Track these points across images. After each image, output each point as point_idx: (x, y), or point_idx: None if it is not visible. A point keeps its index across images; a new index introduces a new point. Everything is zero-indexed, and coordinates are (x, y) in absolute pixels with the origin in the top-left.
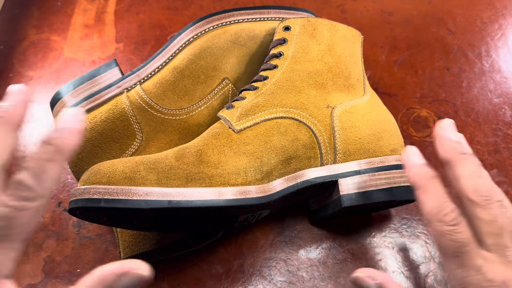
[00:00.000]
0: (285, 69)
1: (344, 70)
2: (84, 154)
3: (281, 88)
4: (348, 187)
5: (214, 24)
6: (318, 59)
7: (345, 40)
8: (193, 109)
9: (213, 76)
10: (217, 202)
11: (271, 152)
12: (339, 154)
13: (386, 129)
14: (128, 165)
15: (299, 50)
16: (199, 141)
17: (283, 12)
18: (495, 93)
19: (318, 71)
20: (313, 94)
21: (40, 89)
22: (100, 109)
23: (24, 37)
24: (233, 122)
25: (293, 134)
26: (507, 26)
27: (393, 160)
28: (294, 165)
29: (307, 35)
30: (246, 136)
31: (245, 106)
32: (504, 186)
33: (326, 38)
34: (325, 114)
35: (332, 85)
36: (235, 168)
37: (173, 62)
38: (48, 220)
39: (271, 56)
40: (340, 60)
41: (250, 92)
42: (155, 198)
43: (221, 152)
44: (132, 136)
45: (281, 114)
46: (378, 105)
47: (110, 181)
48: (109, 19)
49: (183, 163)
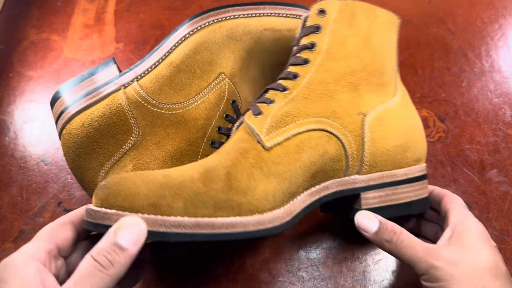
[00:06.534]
0: (318, 66)
1: (380, 66)
2: (82, 150)
3: (313, 93)
4: (369, 201)
5: (210, 19)
6: (355, 54)
7: (383, 29)
8: (189, 103)
9: (209, 71)
10: (248, 235)
11: (299, 170)
12: (365, 166)
13: (413, 138)
14: (151, 188)
15: (335, 42)
16: (226, 158)
17: (278, 7)
18: (495, 93)
19: (353, 70)
20: (345, 99)
21: (40, 89)
22: (97, 105)
23: (24, 37)
24: (262, 136)
25: (323, 148)
26: (507, 26)
27: (416, 171)
28: (319, 178)
29: (345, 23)
30: (277, 155)
31: (275, 115)
32: (504, 186)
33: (363, 27)
34: (356, 123)
35: (365, 86)
36: (264, 193)
37: (170, 57)
38: (48, 220)
39: (301, 48)
40: (376, 55)
41: (278, 94)
42: (185, 231)
43: (250, 176)
44: (128, 131)
45: (313, 125)
46: (407, 106)
47: (132, 206)
48: (109, 19)
49: (212, 189)
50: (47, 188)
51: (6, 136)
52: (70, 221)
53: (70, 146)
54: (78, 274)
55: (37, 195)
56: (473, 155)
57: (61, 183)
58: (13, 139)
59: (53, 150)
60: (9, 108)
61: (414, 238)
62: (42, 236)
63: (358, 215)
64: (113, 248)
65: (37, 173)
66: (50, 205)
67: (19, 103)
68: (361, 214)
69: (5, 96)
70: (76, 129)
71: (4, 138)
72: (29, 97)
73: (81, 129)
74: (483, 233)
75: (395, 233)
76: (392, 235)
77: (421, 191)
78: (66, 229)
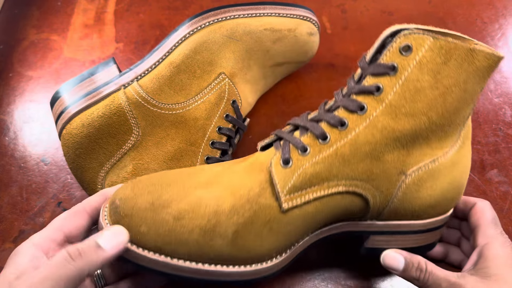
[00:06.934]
0: (373, 121)
1: (448, 121)
2: (82, 150)
3: (356, 154)
4: (375, 242)
5: (210, 19)
6: (423, 112)
7: (473, 78)
8: (189, 103)
9: (209, 71)
10: (244, 282)
11: (311, 227)
12: (384, 216)
13: (449, 198)
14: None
15: (406, 94)
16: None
17: (279, 7)
18: (495, 93)
19: (413, 131)
20: (390, 160)
21: (40, 89)
22: (97, 105)
23: (24, 37)
24: (282, 195)
25: (344, 207)
26: (507, 26)
27: (437, 222)
28: (330, 223)
29: (430, 71)
30: (292, 217)
31: (304, 173)
32: (504, 186)
33: (452, 78)
34: (393, 183)
35: (420, 142)
36: (268, 250)
37: (170, 57)
38: (48, 220)
39: (361, 90)
40: (450, 110)
41: (317, 142)
42: (185, 275)
43: (259, 234)
44: (128, 131)
45: (341, 188)
46: (461, 160)
47: (139, 243)
48: (109, 19)
49: (216, 244)
50: (47, 188)
51: (6, 136)
52: (84, 209)
53: (70, 146)
54: (48, 263)
55: (37, 195)
56: (473, 155)
57: (61, 183)
58: (13, 139)
59: (53, 150)
60: (9, 108)
61: (439, 274)
62: (51, 225)
63: (384, 256)
64: (89, 245)
65: (37, 173)
66: (50, 205)
67: (19, 103)
68: (386, 255)
69: (5, 96)
70: (76, 129)
71: (4, 138)
72: (29, 97)
73: (81, 129)
74: (510, 255)
75: (421, 271)
76: (419, 274)
77: (432, 238)
78: (78, 218)
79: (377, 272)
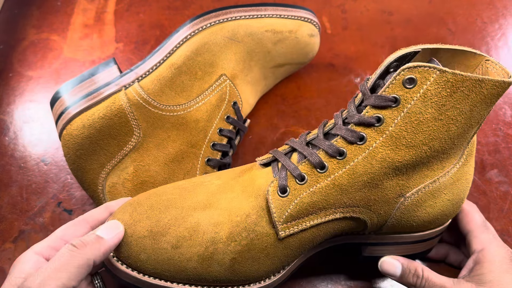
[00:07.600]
0: (372, 152)
1: (449, 146)
2: (83, 151)
3: (354, 185)
4: (373, 252)
5: (211, 21)
6: (425, 142)
7: (479, 105)
8: (190, 105)
9: (210, 72)
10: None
11: (308, 247)
12: (381, 231)
13: (448, 213)
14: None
15: (408, 127)
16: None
17: (280, 9)
18: None
19: (416, 160)
20: (389, 186)
21: (40, 89)
22: (98, 106)
23: (24, 37)
24: (279, 224)
25: (342, 229)
26: (507, 26)
27: (434, 233)
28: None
29: (434, 104)
30: (289, 244)
31: (300, 202)
32: (504, 186)
33: (457, 107)
34: (391, 205)
35: (420, 167)
36: (266, 272)
37: (171, 58)
38: (48, 220)
39: (361, 121)
40: (453, 136)
41: (315, 171)
42: None
43: (256, 260)
44: (129, 133)
45: (338, 215)
46: (462, 178)
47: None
48: (108, 19)
49: (214, 271)
50: (47, 188)
51: (6, 136)
52: (86, 220)
53: (71, 147)
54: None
55: (37, 195)
56: None
57: (61, 183)
58: (13, 139)
59: (53, 150)
60: (9, 108)
61: (435, 280)
62: (53, 234)
63: (382, 262)
64: (90, 236)
65: (37, 173)
66: (50, 205)
67: (19, 103)
68: (383, 261)
69: (5, 96)
70: (76, 130)
71: (4, 138)
72: (29, 97)
73: (82, 130)
74: (505, 259)
75: (418, 277)
76: (416, 280)
77: (429, 246)
78: (79, 228)
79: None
